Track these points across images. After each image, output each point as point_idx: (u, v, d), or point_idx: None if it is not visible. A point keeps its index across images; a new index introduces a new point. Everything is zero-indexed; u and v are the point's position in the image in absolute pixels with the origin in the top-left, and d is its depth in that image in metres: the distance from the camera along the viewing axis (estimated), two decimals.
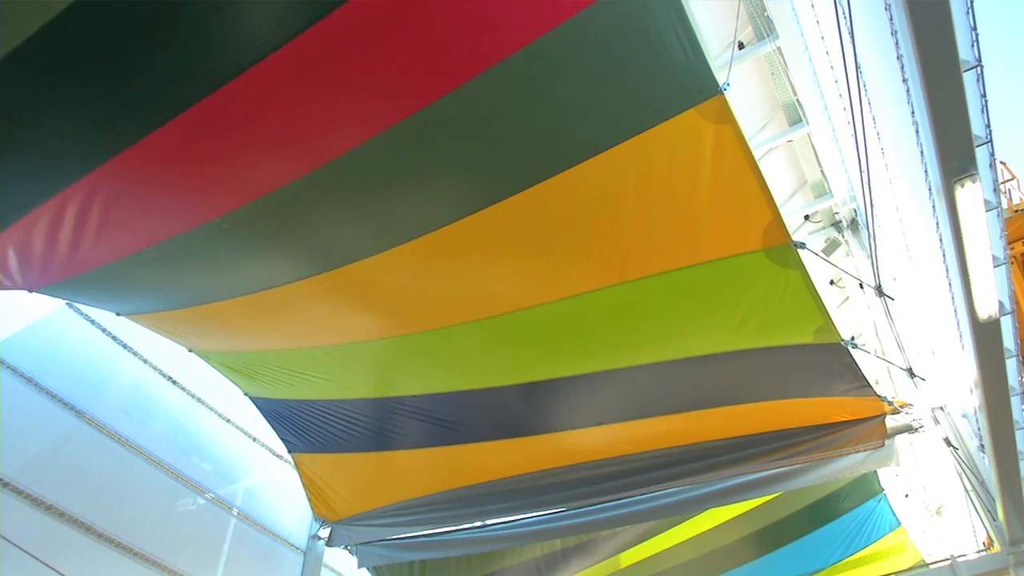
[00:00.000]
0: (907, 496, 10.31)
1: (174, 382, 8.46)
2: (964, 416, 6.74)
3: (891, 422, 6.25)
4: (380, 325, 5.99)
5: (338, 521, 8.40)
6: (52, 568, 6.13)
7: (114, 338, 7.83)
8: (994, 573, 6.42)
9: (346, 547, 8.68)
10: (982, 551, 6.77)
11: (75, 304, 7.36)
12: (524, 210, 4.62)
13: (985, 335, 4.22)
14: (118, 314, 6.34)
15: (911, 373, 6.13)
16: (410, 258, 5.06)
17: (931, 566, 7.37)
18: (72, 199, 4.46)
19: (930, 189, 4.14)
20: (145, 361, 8.17)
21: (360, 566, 8.81)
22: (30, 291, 5.56)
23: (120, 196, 4.51)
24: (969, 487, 6.61)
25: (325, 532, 8.88)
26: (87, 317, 7.56)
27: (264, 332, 6.36)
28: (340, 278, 5.29)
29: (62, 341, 7.33)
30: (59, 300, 6.88)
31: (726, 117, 4.00)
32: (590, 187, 4.46)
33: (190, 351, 7.07)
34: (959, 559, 6.42)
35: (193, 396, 8.68)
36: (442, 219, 4.75)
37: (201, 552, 8.18)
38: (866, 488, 8.63)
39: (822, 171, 9.35)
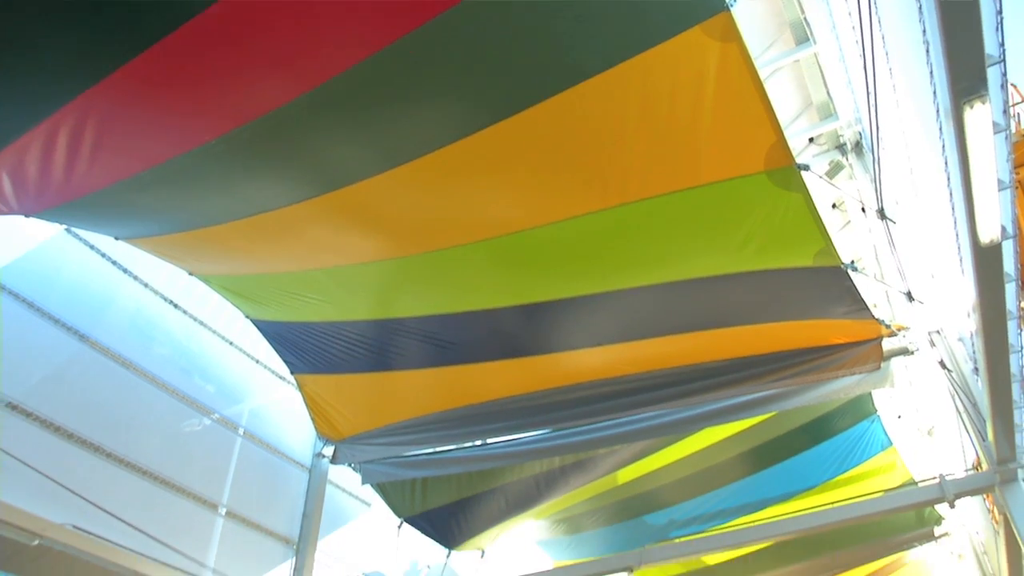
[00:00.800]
0: (899, 417, 10.49)
1: (175, 305, 8.50)
2: (960, 340, 6.79)
3: (887, 345, 6.31)
4: (380, 247, 5.98)
5: (341, 440, 8.57)
6: (64, 487, 6.28)
7: (114, 263, 7.83)
8: (980, 490, 6.59)
9: (350, 465, 8.89)
10: (970, 471, 6.94)
11: (73, 229, 7.33)
12: (525, 130, 4.55)
13: (986, 259, 4.20)
14: (116, 238, 6.32)
15: (910, 296, 6.15)
16: (409, 179, 5.02)
17: (920, 484, 7.56)
18: (64, 122, 4.38)
19: (938, 111, 4.06)
20: (146, 285, 8.19)
21: (364, 483, 9.04)
22: (27, 216, 5.53)
23: (113, 119, 4.43)
24: (961, 409, 6.71)
25: (329, 450, 9.07)
26: (86, 242, 7.53)
27: (264, 255, 6.35)
28: (339, 200, 5.25)
29: (62, 266, 7.33)
30: (57, 225, 6.85)
31: (731, 35, 3.90)
32: (591, 107, 4.39)
33: (190, 274, 7.07)
34: (947, 478, 6.57)
35: (195, 319, 8.74)
36: (441, 139, 4.68)
37: (208, 470, 8.38)
38: (860, 409, 8.77)
39: (828, 92, 9.18)
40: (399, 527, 9.25)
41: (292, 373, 8.05)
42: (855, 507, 6.94)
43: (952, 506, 6.50)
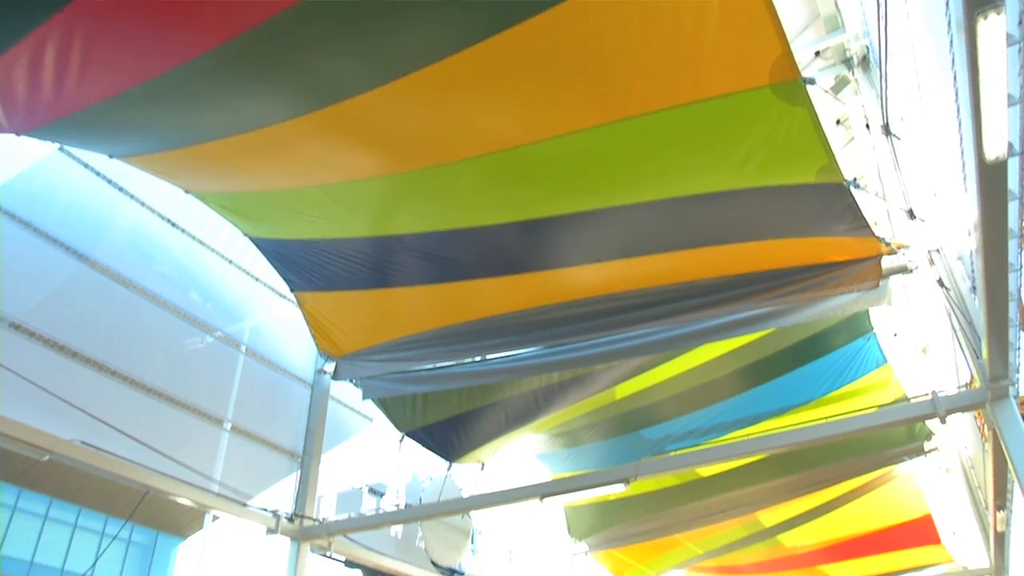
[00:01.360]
0: (895, 335, 10.59)
1: (174, 224, 8.47)
2: (959, 259, 6.79)
3: (886, 263, 6.30)
4: (378, 163, 5.91)
5: (342, 356, 8.67)
6: (71, 404, 6.39)
7: (109, 181, 7.76)
8: (972, 407, 6.70)
9: (351, 380, 9.02)
10: (962, 388, 7.03)
11: (67, 148, 7.23)
12: (524, 42, 4.44)
13: (990, 176, 4.14)
14: (111, 156, 6.24)
15: (911, 214, 6.11)
16: (406, 94, 4.92)
17: (912, 400, 7.68)
18: (50, 36, 4.27)
19: (949, 22, 3.94)
20: (143, 204, 8.15)
21: (365, 398, 9.19)
22: (18, 134, 5.44)
23: (100, 32, 4.31)
24: (957, 327, 6.75)
25: (330, 367, 9.19)
26: (80, 161, 7.44)
27: (261, 172, 6.29)
28: (335, 115, 5.16)
29: (57, 186, 7.27)
30: (50, 144, 6.75)
31: None
32: (593, 17, 4.26)
33: (187, 192, 7.01)
34: (940, 394, 6.66)
35: (194, 238, 8.72)
36: (439, 52, 4.57)
37: (212, 387, 8.52)
38: (856, 326, 8.84)
39: (836, 4, 8.89)
40: (400, 441, 9.46)
41: (292, 291, 8.08)
42: (848, 422, 7.06)
43: (943, 422, 6.62)
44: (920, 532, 12.39)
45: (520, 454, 11.35)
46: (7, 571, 22.97)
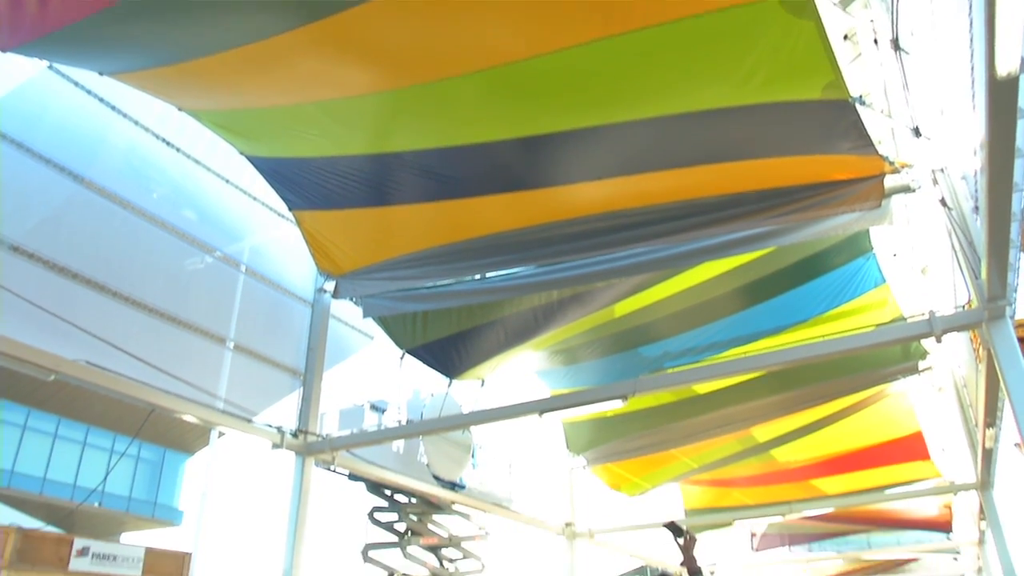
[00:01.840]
0: (895, 255, 10.59)
1: (169, 144, 8.35)
2: (963, 178, 6.71)
3: (889, 182, 6.24)
4: (375, 78, 5.79)
5: (342, 275, 8.68)
6: (74, 325, 6.43)
7: (102, 100, 7.61)
8: (969, 326, 6.75)
9: (351, 299, 9.07)
10: (960, 308, 7.06)
11: (57, 66, 7.06)
12: None
13: (1001, 93, 4.04)
14: (101, 73, 6.10)
15: (917, 132, 6.02)
16: (405, 5, 4.78)
17: (909, 319, 7.73)
18: None
19: None
20: (137, 123, 8.01)
21: (365, 316, 9.26)
22: (3, 51, 5.30)
23: None
24: (957, 247, 6.74)
25: (330, 286, 9.22)
26: (71, 79, 7.28)
27: (255, 89, 6.16)
28: (330, 28, 5.03)
29: (48, 106, 7.13)
30: (39, 62, 6.59)
31: None
32: None
33: (181, 110, 6.88)
34: (936, 314, 6.69)
35: (190, 157, 8.62)
36: None
37: (213, 307, 8.57)
38: (856, 246, 8.84)
39: None
40: (401, 358, 9.59)
41: (290, 209, 8.02)
42: (844, 340, 7.12)
43: (939, 341, 6.67)
44: (910, 448, 12.71)
45: (520, 371, 11.51)
46: (23, 487, 23.67)
